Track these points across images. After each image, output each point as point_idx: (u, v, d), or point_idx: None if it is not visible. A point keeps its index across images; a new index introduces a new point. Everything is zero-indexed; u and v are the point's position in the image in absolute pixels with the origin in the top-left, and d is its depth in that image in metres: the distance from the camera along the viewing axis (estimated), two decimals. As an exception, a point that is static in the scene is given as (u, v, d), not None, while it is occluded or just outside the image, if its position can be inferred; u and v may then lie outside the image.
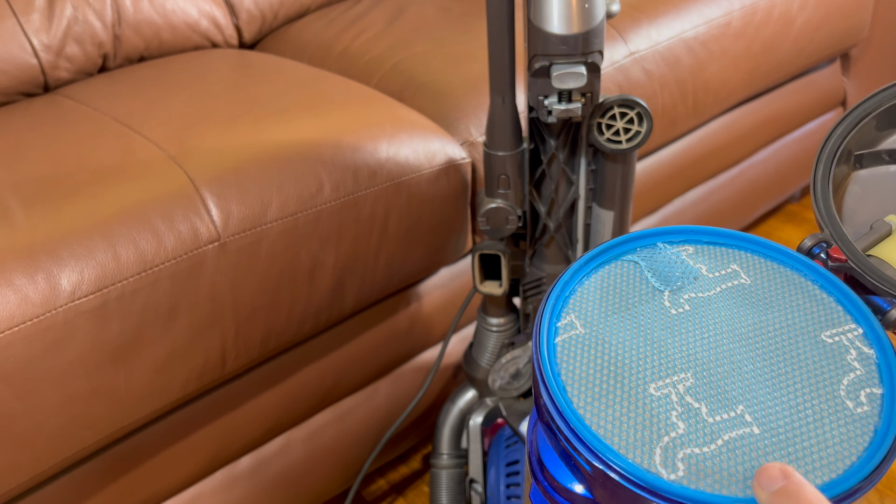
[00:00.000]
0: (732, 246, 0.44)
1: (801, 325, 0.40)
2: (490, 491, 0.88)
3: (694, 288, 0.42)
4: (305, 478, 0.96)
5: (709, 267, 0.43)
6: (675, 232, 0.44)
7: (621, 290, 0.41)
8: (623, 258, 0.43)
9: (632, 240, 0.44)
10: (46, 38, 1.06)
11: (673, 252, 0.43)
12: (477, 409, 0.92)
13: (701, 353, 0.38)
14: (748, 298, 0.41)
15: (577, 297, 0.41)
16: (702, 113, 1.17)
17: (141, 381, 0.72)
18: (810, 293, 0.42)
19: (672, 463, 0.34)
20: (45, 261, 0.66)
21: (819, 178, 0.46)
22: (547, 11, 0.64)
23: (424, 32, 1.13)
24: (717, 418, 0.36)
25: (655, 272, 0.42)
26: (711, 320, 0.40)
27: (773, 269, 0.43)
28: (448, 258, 0.96)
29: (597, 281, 0.42)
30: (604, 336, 0.39)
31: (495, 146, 0.74)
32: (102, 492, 0.77)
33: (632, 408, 0.36)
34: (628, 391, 0.37)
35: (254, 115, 0.87)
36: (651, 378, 0.37)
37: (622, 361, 0.38)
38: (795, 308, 0.41)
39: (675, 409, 0.36)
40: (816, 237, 0.44)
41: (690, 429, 0.35)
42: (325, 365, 0.92)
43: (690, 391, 0.37)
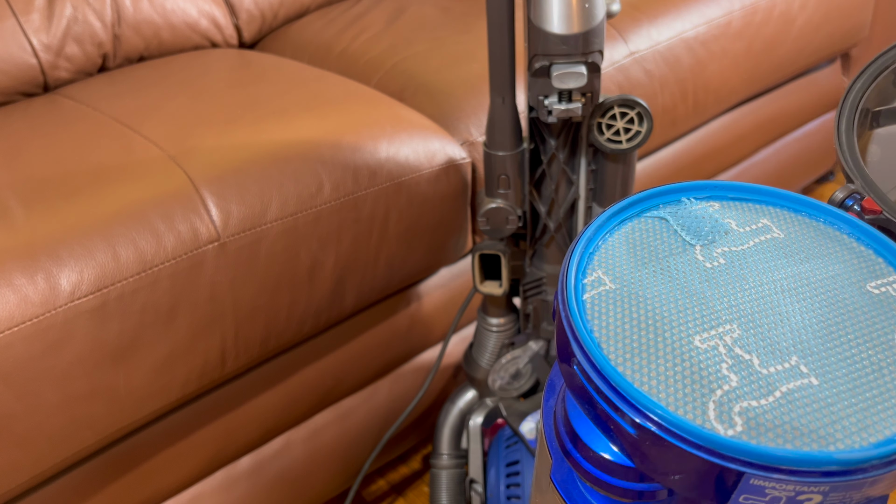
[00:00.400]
0: (760, 201, 0.42)
1: (844, 277, 0.38)
2: (490, 491, 0.88)
3: (726, 242, 0.39)
4: (305, 478, 0.96)
5: (738, 222, 0.41)
6: (700, 188, 0.42)
7: (649, 244, 0.39)
8: (647, 214, 0.41)
9: (656, 195, 0.42)
10: (46, 38, 1.06)
11: (700, 207, 0.42)
12: (477, 409, 0.92)
13: (744, 304, 0.36)
14: (784, 252, 0.39)
15: (603, 253, 0.39)
16: (702, 113, 1.17)
17: (141, 382, 0.71)
18: (847, 246, 0.40)
19: (729, 418, 0.31)
20: (45, 261, 0.66)
21: (843, 130, 0.45)
22: (547, 11, 0.64)
23: (424, 32, 1.13)
24: (770, 370, 0.33)
25: (684, 227, 0.40)
26: (749, 273, 0.38)
27: (806, 224, 0.41)
28: (448, 258, 0.96)
29: (622, 236, 0.40)
30: (636, 290, 0.37)
31: (495, 146, 0.74)
32: (102, 492, 0.77)
33: (677, 361, 0.33)
34: (671, 344, 0.34)
35: (254, 114, 0.87)
36: (695, 330, 0.35)
37: (660, 315, 0.35)
38: (835, 260, 0.39)
39: (725, 360, 0.33)
40: (848, 188, 0.42)
41: (744, 381, 0.32)
42: (325, 365, 0.92)
43: (739, 342, 0.34)
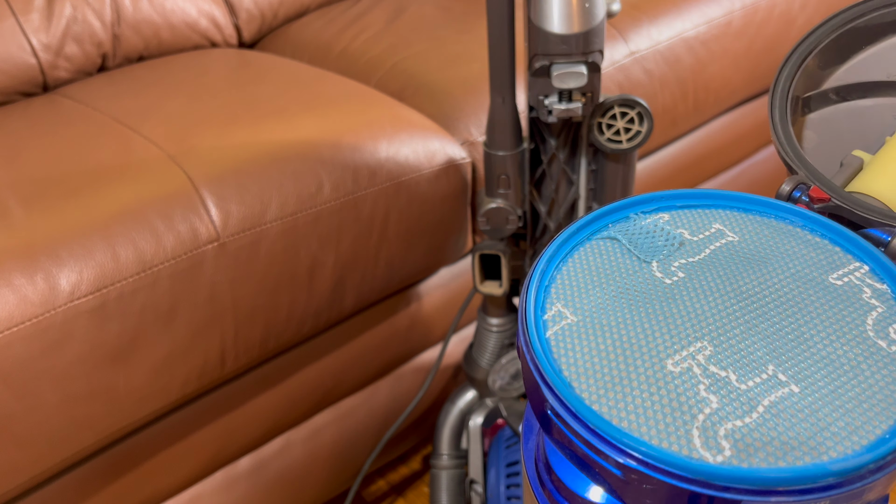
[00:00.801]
0: (709, 206, 0.42)
1: (805, 273, 0.37)
2: (490, 491, 0.88)
3: (682, 254, 0.39)
4: (305, 478, 0.96)
5: (691, 230, 0.40)
6: (646, 201, 0.41)
7: (605, 268, 0.38)
8: (597, 236, 0.40)
9: (602, 216, 0.41)
10: (45, 38, 1.06)
11: (649, 221, 0.40)
12: (477, 409, 0.92)
13: (710, 318, 0.35)
14: (741, 256, 0.38)
15: (559, 284, 0.38)
16: (702, 112, 1.17)
17: (140, 382, 0.71)
18: (802, 239, 0.39)
19: (715, 443, 0.30)
20: (45, 261, 0.66)
21: (778, 121, 0.44)
22: (547, 11, 0.64)
23: (424, 32, 1.13)
24: (749, 384, 0.32)
25: (636, 245, 0.39)
26: (710, 283, 0.37)
27: (758, 223, 0.40)
28: (448, 258, 0.95)
29: (576, 263, 0.39)
30: (599, 319, 0.35)
31: (495, 146, 0.74)
32: (102, 492, 0.77)
33: (653, 390, 0.32)
34: (644, 373, 0.33)
35: (253, 114, 0.87)
36: (666, 353, 0.33)
37: (628, 343, 0.34)
38: (792, 257, 0.38)
39: (702, 381, 0.32)
40: (794, 180, 0.42)
41: (725, 400, 0.31)
42: (324, 365, 0.91)
43: (712, 360, 0.33)
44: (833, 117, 0.47)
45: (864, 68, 0.46)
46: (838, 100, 0.47)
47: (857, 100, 0.46)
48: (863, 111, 0.46)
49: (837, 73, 0.47)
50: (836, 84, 0.46)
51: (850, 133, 0.46)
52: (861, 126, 0.46)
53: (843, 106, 0.46)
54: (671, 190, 0.42)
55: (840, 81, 0.47)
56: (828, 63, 0.46)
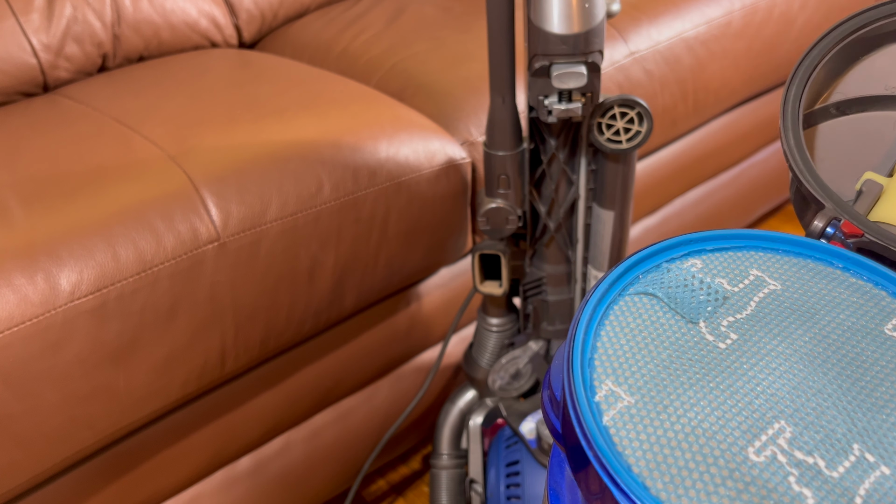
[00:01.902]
0: (741, 248, 0.39)
1: (860, 326, 0.35)
2: (490, 491, 0.88)
3: (727, 310, 0.35)
4: (305, 478, 0.96)
5: (729, 279, 0.37)
6: (675, 246, 0.38)
7: (649, 333, 0.34)
8: (631, 291, 0.36)
9: (630, 268, 0.37)
10: (46, 38, 1.06)
11: (683, 271, 0.37)
12: (477, 409, 0.92)
13: (780, 391, 0.32)
14: (789, 308, 0.35)
15: (603, 356, 0.33)
16: (702, 113, 1.17)
17: (140, 382, 0.71)
18: (846, 283, 0.37)
19: None
20: (45, 261, 0.66)
21: (794, 146, 0.42)
22: (547, 11, 0.64)
23: (424, 32, 1.13)
24: (840, 470, 0.29)
25: (677, 302, 0.36)
26: (767, 346, 0.34)
27: (797, 265, 0.38)
28: (448, 258, 0.96)
29: (615, 328, 0.35)
30: (659, 399, 0.31)
31: (495, 146, 0.74)
32: (102, 492, 0.77)
33: (740, 487, 0.28)
34: (726, 465, 0.29)
35: (253, 114, 0.87)
36: (745, 440, 0.30)
37: (699, 427, 0.30)
38: (842, 307, 0.36)
39: (791, 472, 0.29)
40: (826, 215, 0.40)
41: (820, 493, 0.28)
42: (324, 365, 0.91)
43: (794, 443, 0.30)
44: (834, 132, 0.45)
45: (861, 81, 0.45)
46: (838, 114, 0.46)
47: (857, 113, 0.45)
48: (864, 125, 0.45)
49: (837, 87, 0.46)
50: (836, 98, 0.46)
51: (853, 148, 0.45)
52: (863, 140, 0.45)
53: (843, 120, 0.45)
54: (699, 232, 0.39)
55: (840, 95, 0.46)
56: (827, 77, 0.45)
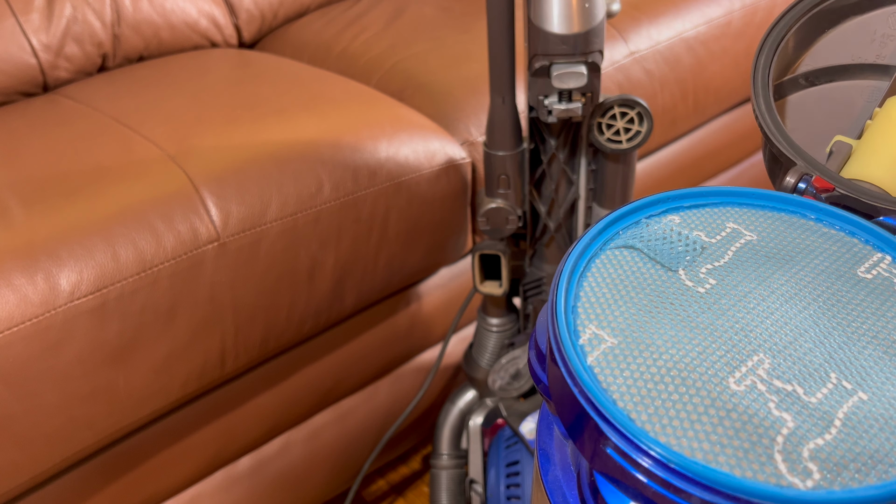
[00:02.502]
0: (718, 204, 0.40)
1: (833, 269, 0.36)
2: (490, 491, 0.88)
3: (705, 259, 0.37)
4: (305, 478, 0.96)
5: (707, 232, 0.38)
6: (653, 203, 0.39)
7: (630, 281, 0.36)
8: (612, 245, 0.38)
9: (612, 223, 0.38)
10: (46, 38, 1.06)
11: (662, 225, 0.39)
12: (477, 409, 0.92)
13: (758, 326, 0.33)
14: (765, 256, 0.37)
15: (586, 303, 0.34)
16: (702, 112, 1.17)
17: (140, 382, 0.71)
18: (819, 233, 0.38)
19: (802, 466, 0.27)
20: (45, 261, 0.66)
21: (765, 111, 0.43)
22: (547, 11, 0.64)
23: (424, 32, 1.13)
24: (819, 396, 0.30)
25: (657, 252, 0.37)
26: (744, 287, 0.35)
27: (772, 218, 0.39)
28: (448, 258, 0.95)
29: (597, 278, 0.36)
30: (641, 339, 0.32)
31: (495, 146, 0.74)
32: (102, 492, 0.77)
33: (722, 414, 0.29)
34: (708, 396, 0.30)
35: (253, 114, 0.87)
36: (725, 371, 0.31)
37: (680, 362, 0.31)
38: (816, 253, 0.37)
39: (770, 399, 0.30)
40: (797, 171, 0.41)
41: (800, 417, 0.29)
42: (324, 365, 0.91)
43: (774, 373, 0.31)
44: (804, 102, 0.46)
45: (829, 51, 0.46)
46: (807, 85, 0.46)
47: (826, 83, 0.46)
48: (832, 95, 0.46)
49: (805, 58, 0.47)
50: (805, 69, 0.46)
51: (822, 118, 0.46)
52: (832, 110, 0.46)
53: (812, 90, 0.46)
54: (677, 190, 0.40)
55: (808, 66, 0.46)
56: (796, 47, 0.46)
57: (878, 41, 0.45)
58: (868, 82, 0.45)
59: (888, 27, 0.45)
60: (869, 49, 0.45)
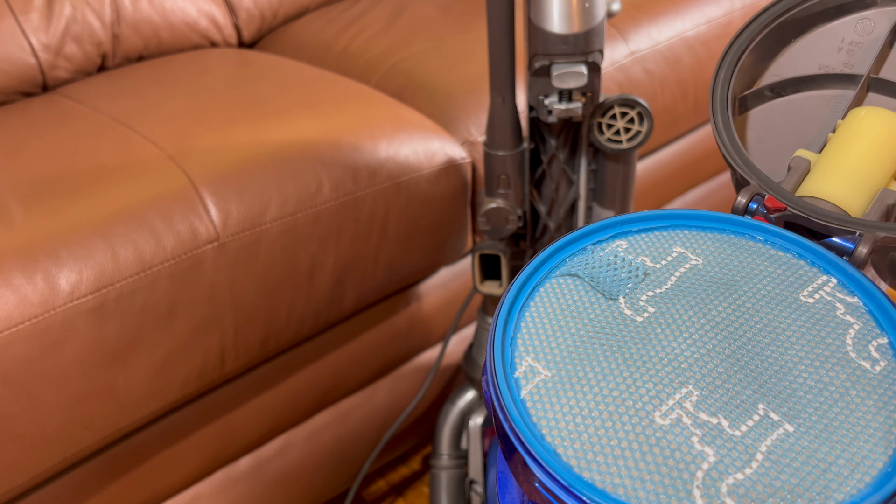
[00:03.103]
0: (666, 227, 0.39)
1: (776, 294, 0.35)
2: (490, 492, 0.88)
3: (647, 285, 0.36)
4: (305, 478, 0.96)
5: (652, 257, 0.38)
6: (600, 229, 0.39)
7: (570, 311, 0.35)
8: (556, 274, 0.37)
9: (556, 251, 0.38)
10: (45, 38, 1.06)
11: (608, 251, 0.38)
12: (477, 409, 0.92)
13: (690, 358, 0.33)
14: (708, 281, 0.36)
15: (525, 335, 0.34)
16: (703, 112, 1.17)
17: (140, 382, 0.71)
18: (766, 255, 0.37)
19: (719, 502, 0.28)
20: (44, 261, 0.66)
21: (722, 127, 0.43)
22: (547, 10, 0.64)
23: (424, 32, 1.13)
24: (742, 429, 0.30)
25: (598, 281, 0.37)
26: (683, 317, 0.35)
27: (719, 241, 0.38)
28: (448, 258, 0.95)
29: (539, 308, 0.36)
30: (575, 371, 0.33)
31: (495, 146, 0.74)
32: (101, 493, 0.77)
33: (645, 449, 0.29)
34: (632, 430, 0.30)
35: (253, 114, 0.87)
36: (652, 405, 0.31)
37: (609, 396, 0.31)
38: (760, 277, 0.36)
39: (694, 433, 0.30)
40: (748, 191, 0.40)
41: (722, 451, 0.29)
42: (324, 365, 0.91)
43: (700, 406, 0.31)
44: (770, 114, 0.46)
45: (795, 61, 0.46)
46: (773, 96, 0.46)
47: (792, 94, 0.45)
48: (799, 105, 0.45)
49: (771, 69, 0.46)
50: (770, 80, 0.46)
51: (789, 129, 0.45)
52: (798, 121, 0.45)
53: (778, 102, 0.46)
54: (625, 214, 0.40)
55: (774, 77, 0.46)
56: (760, 59, 0.46)
57: (845, 49, 0.45)
58: (835, 91, 0.45)
59: (856, 34, 0.44)
60: (836, 58, 0.45)
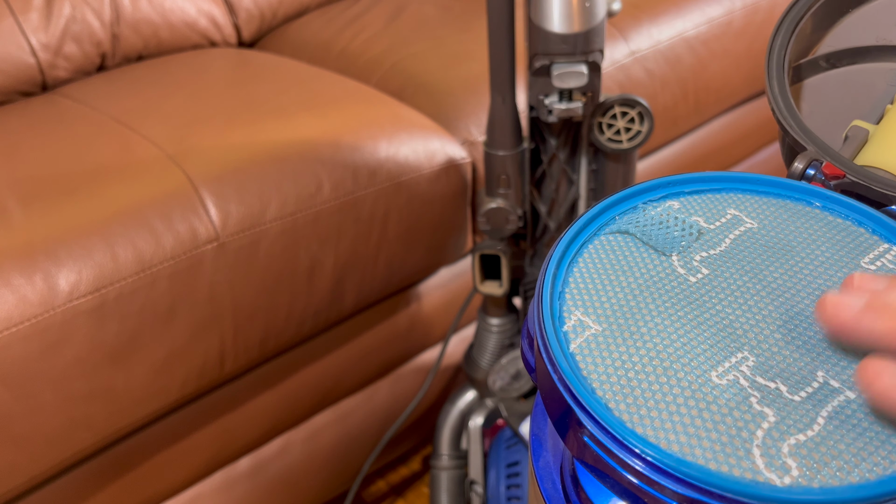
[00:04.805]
0: (720, 190, 0.38)
1: (835, 260, 0.34)
2: (490, 492, 0.88)
3: (701, 245, 0.35)
4: (304, 479, 0.96)
5: (706, 218, 0.37)
6: (653, 188, 0.38)
7: (621, 266, 0.34)
8: (607, 231, 0.36)
9: (608, 207, 0.37)
10: (45, 37, 1.06)
11: (660, 210, 0.37)
12: (477, 410, 0.92)
13: (746, 324, 0.32)
14: (764, 245, 0.35)
15: (574, 289, 0.34)
16: (703, 112, 1.17)
17: (139, 382, 0.71)
18: (825, 221, 0.36)
19: (780, 462, 0.27)
20: (44, 261, 0.66)
21: (778, 93, 0.42)
22: (548, 10, 0.64)
23: (424, 31, 1.13)
24: (802, 395, 0.29)
25: (651, 237, 0.35)
26: (738, 279, 0.33)
27: (775, 206, 0.37)
28: (448, 258, 0.95)
29: (588, 264, 0.35)
30: (626, 326, 0.32)
31: (496, 146, 0.74)
32: (101, 493, 0.77)
33: (702, 406, 0.28)
34: (689, 387, 0.29)
35: (252, 114, 0.87)
36: (708, 364, 0.30)
37: (664, 352, 0.31)
38: (819, 242, 0.35)
39: (752, 394, 0.29)
40: (806, 157, 0.39)
41: (782, 413, 0.28)
42: (324, 366, 0.91)
43: (758, 370, 0.30)
44: (824, 85, 0.45)
45: (852, 32, 0.45)
46: (828, 67, 0.45)
47: (848, 66, 0.45)
48: (854, 77, 0.44)
49: (826, 39, 0.45)
50: (825, 50, 0.45)
51: (843, 101, 0.44)
52: (853, 93, 0.44)
53: (833, 73, 0.45)
54: (678, 174, 0.38)
55: (829, 48, 0.45)
56: (816, 28, 0.45)
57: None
58: (892, 65, 0.44)
59: None
60: (894, 31, 0.44)
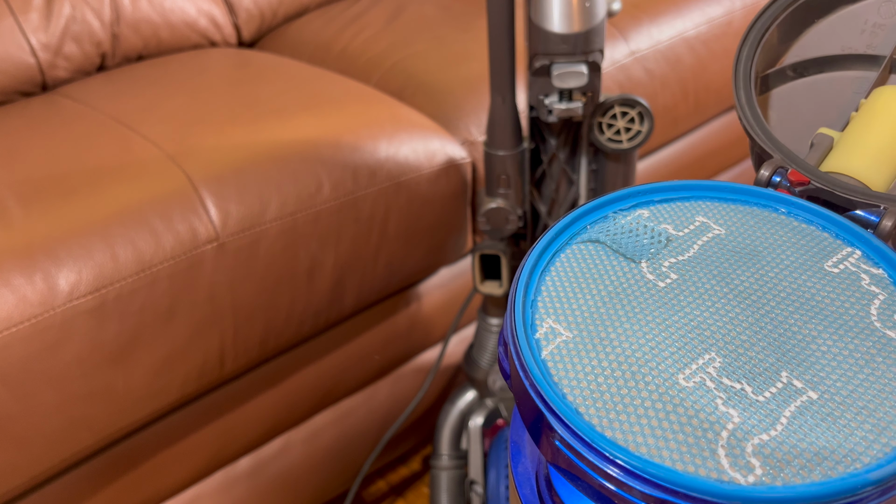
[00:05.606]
0: (689, 198, 0.39)
1: (799, 264, 0.35)
2: (490, 492, 0.88)
3: (670, 252, 0.36)
4: (304, 479, 0.96)
5: (675, 225, 0.38)
6: (622, 198, 0.39)
7: (592, 274, 0.36)
8: (578, 240, 0.37)
9: (579, 217, 0.38)
10: (44, 37, 1.06)
11: (630, 219, 0.38)
12: (477, 410, 0.92)
13: (713, 325, 0.33)
14: (731, 250, 0.36)
15: (546, 298, 0.35)
16: (703, 112, 1.17)
17: (139, 382, 0.71)
18: (790, 227, 0.37)
19: (744, 461, 0.28)
20: (43, 261, 0.66)
21: (745, 102, 0.43)
22: (548, 10, 0.64)
23: (424, 31, 1.13)
24: (766, 395, 0.30)
25: (621, 245, 0.37)
26: (706, 285, 0.35)
27: (742, 212, 0.39)
28: (448, 258, 0.95)
29: (559, 272, 0.36)
30: (596, 332, 0.33)
31: (496, 145, 0.74)
32: (100, 493, 0.77)
33: (668, 409, 0.29)
34: (656, 390, 0.30)
35: (253, 114, 0.87)
36: (675, 367, 0.31)
37: (632, 357, 0.32)
38: (783, 247, 0.36)
39: (719, 396, 0.30)
40: (772, 164, 0.40)
41: (746, 414, 0.29)
42: (324, 366, 0.91)
43: (724, 372, 0.31)
44: (791, 94, 0.46)
45: (818, 42, 0.46)
46: (795, 76, 0.46)
47: (814, 75, 0.46)
48: (821, 86, 0.45)
49: (793, 49, 0.46)
50: (792, 60, 0.46)
51: (810, 110, 0.45)
52: (820, 102, 0.45)
53: (800, 82, 0.46)
54: (648, 184, 0.40)
55: (796, 57, 0.46)
56: (783, 39, 0.46)
57: (868, 31, 0.45)
58: (857, 73, 0.45)
59: (879, 16, 0.45)
60: (859, 39, 0.45)
